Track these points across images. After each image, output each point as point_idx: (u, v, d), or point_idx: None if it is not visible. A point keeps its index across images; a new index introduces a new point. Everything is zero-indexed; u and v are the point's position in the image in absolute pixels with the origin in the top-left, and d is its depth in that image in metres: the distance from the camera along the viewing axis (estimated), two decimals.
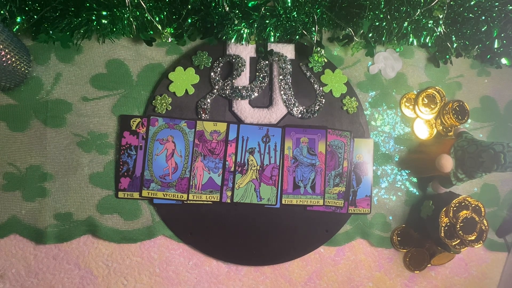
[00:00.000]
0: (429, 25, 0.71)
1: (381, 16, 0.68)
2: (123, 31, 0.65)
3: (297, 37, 0.71)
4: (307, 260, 0.74)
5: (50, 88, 0.66)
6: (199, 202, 0.69)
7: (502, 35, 0.75)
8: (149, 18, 0.63)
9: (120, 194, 0.67)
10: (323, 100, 0.74)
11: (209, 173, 0.69)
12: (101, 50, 0.68)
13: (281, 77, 0.72)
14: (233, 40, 0.67)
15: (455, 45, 0.76)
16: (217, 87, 0.70)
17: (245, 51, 0.71)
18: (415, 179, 0.79)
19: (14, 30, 0.62)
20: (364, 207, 0.75)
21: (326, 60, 0.74)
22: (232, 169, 0.70)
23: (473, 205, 0.70)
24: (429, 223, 0.73)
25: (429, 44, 0.74)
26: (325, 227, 0.73)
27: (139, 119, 0.68)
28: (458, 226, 0.69)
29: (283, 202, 0.71)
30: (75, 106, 0.67)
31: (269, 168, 0.71)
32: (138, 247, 0.69)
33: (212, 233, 0.70)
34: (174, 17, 0.66)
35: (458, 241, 0.70)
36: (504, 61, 0.79)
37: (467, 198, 0.70)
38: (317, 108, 0.73)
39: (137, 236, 0.68)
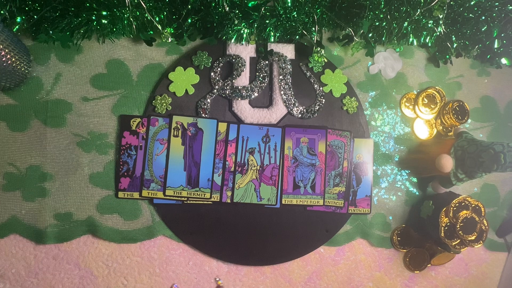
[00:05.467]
0: (429, 25, 0.71)
1: (381, 16, 0.68)
2: (123, 31, 0.65)
3: (297, 37, 0.71)
4: (307, 260, 0.74)
5: (50, 88, 0.66)
6: (199, 202, 0.69)
7: (502, 35, 0.75)
8: (149, 18, 0.63)
9: (120, 194, 0.67)
10: (323, 100, 0.74)
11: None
12: (101, 50, 0.68)
13: (281, 77, 0.72)
14: (233, 40, 0.67)
15: (455, 45, 0.76)
16: (217, 87, 0.70)
17: (245, 51, 0.71)
18: (415, 179, 0.79)
19: (14, 30, 0.62)
20: (364, 207, 0.75)
21: (326, 60, 0.74)
22: (232, 169, 0.70)
23: (473, 205, 0.70)
24: (429, 223, 0.73)
25: (429, 44, 0.74)
26: (325, 227, 0.73)
27: (139, 119, 0.68)
28: (458, 226, 0.69)
29: (283, 202, 0.71)
30: (75, 106, 0.67)
31: (269, 168, 0.71)
32: (138, 247, 0.69)
33: (212, 233, 0.70)
34: (174, 17, 0.66)
35: (458, 241, 0.70)
36: (504, 61, 0.79)
37: (467, 198, 0.70)
38: (317, 108, 0.73)
39: (137, 236, 0.68)
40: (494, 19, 0.73)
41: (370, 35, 0.72)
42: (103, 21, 0.61)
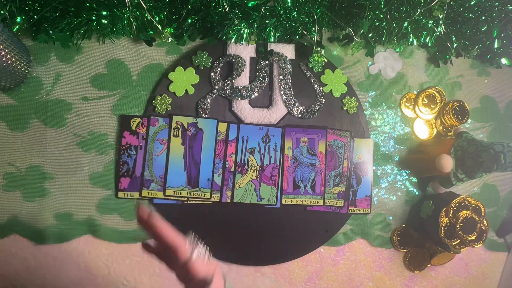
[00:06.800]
0: (429, 25, 0.71)
1: (381, 16, 0.68)
2: (123, 31, 0.65)
3: (297, 37, 0.71)
4: (307, 260, 0.74)
5: (50, 88, 0.66)
6: (199, 202, 0.69)
7: (502, 35, 0.75)
8: (149, 18, 0.63)
9: (120, 194, 0.67)
10: (323, 100, 0.74)
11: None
12: (101, 50, 0.68)
13: (281, 77, 0.72)
14: (233, 40, 0.67)
15: (455, 45, 0.76)
16: (217, 87, 0.70)
17: (245, 51, 0.71)
18: (415, 179, 0.79)
19: (14, 30, 0.62)
20: (364, 207, 0.75)
21: (326, 60, 0.74)
22: (232, 169, 0.70)
23: (473, 205, 0.70)
24: (429, 223, 0.73)
25: (429, 44, 0.74)
26: (325, 227, 0.73)
27: (139, 119, 0.68)
28: (458, 226, 0.69)
29: (283, 202, 0.71)
30: (75, 106, 0.67)
31: (269, 168, 0.71)
32: (138, 247, 0.69)
33: (212, 233, 0.70)
34: (174, 17, 0.66)
35: (458, 241, 0.70)
36: (504, 61, 0.79)
37: (467, 198, 0.70)
38: (317, 108, 0.73)
39: (137, 236, 0.68)
40: (494, 19, 0.73)
41: (370, 35, 0.71)
42: (103, 21, 0.61)
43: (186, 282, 0.44)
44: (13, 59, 0.59)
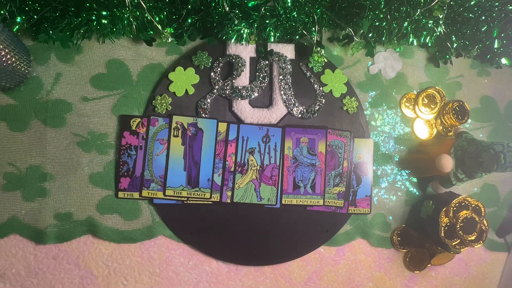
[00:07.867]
0: (429, 25, 0.71)
1: (381, 16, 0.68)
2: (123, 31, 0.65)
3: (297, 37, 0.71)
4: (307, 260, 0.74)
5: (50, 88, 0.66)
6: (199, 202, 0.69)
7: (502, 35, 0.75)
8: (149, 18, 0.63)
9: (120, 194, 0.67)
10: (323, 100, 0.74)
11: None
12: (101, 50, 0.68)
13: (281, 77, 0.72)
14: (233, 40, 0.68)
15: (455, 45, 0.76)
16: (217, 87, 0.70)
17: (245, 51, 0.71)
18: (415, 179, 0.79)
19: (14, 30, 0.62)
20: (364, 207, 0.75)
21: (326, 60, 0.74)
22: (232, 169, 0.70)
23: (473, 205, 0.70)
24: (429, 223, 0.73)
25: (429, 44, 0.74)
26: (325, 227, 0.73)
27: (139, 119, 0.68)
28: (458, 226, 0.69)
29: (283, 202, 0.71)
30: (75, 106, 0.67)
31: (269, 168, 0.71)
32: (138, 247, 0.69)
33: (212, 233, 0.70)
34: (174, 17, 0.66)
35: (458, 241, 0.70)
36: (504, 61, 0.79)
37: (467, 198, 0.70)
38: (317, 108, 0.73)
39: (137, 236, 0.68)
40: (494, 19, 0.73)
41: (370, 35, 0.72)
42: (103, 21, 0.61)
43: None
44: (13, 59, 0.59)
